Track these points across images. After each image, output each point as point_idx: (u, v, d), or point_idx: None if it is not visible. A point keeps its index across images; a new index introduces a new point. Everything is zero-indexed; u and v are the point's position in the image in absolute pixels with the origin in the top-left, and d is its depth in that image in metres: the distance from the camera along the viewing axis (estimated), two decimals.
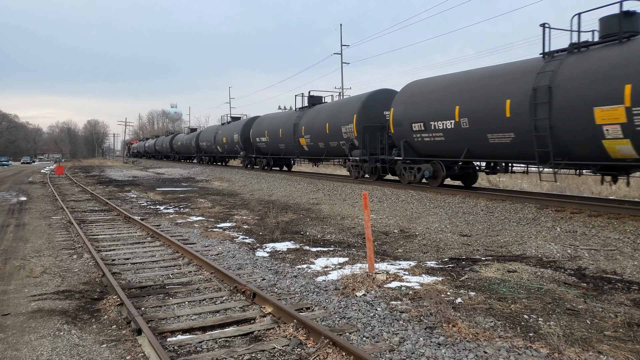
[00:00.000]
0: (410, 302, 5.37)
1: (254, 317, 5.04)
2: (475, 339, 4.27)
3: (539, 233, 8.93)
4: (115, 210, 13.97)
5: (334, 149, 19.66)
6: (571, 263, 7.07)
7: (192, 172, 32.66)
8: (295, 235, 9.87)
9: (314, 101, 23.03)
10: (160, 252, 8.43)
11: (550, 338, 4.21)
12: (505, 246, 8.33)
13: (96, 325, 5.03)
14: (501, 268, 6.74)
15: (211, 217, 12.80)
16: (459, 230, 9.79)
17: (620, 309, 5.10)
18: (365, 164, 17.55)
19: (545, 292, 5.66)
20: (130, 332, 4.74)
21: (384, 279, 6.20)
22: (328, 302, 5.43)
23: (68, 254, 8.49)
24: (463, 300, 5.42)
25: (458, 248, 8.36)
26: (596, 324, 4.69)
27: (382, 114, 17.33)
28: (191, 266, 7.37)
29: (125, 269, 7.28)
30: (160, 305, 5.51)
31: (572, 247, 7.85)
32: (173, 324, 4.90)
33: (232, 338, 4.53)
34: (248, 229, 10.84)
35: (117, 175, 32.85)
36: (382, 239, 9.36)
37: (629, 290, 5.78)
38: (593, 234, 8.44)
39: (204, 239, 9.58)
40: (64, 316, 5.28)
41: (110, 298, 5.78)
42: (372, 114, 17.44)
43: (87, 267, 7.55)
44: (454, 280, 6.25)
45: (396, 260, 7.52)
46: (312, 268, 7.13)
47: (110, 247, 8.94)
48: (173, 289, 6.15)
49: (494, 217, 10.49)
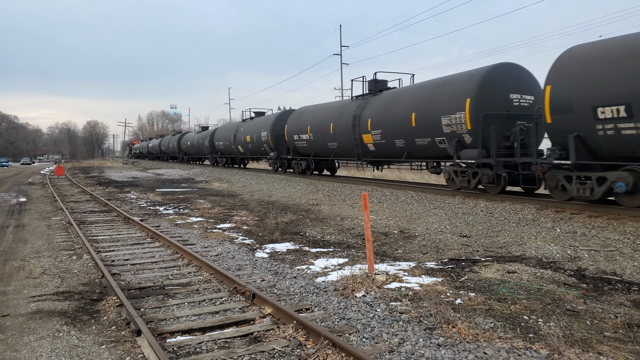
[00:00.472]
0: (410, 303, 5.37)
1: (253, 318, 5.03)
2: (475, 340, 4.26)
3: (539, 234, 8.92)
4: (115, 211, 13.96)
5: (423, 148, 14.50)
6: (571, 264, 7.06)
7: (192, 173, 32.65)
8: (295, 236, 9.87)
9: (379, 86, 17.76)
10: (160, 253, 8.42)
11: (550, 339, 4.20)
12: (505, 247, 8.33)
13: (95, 326, 5.03)
14: (501, 269, 6.73)
15: (211, 218, 12.79)
16: (458, 230, 9.79)
17: (620, 309, 5.10)
18: (485, 170, 12.49)
19: (545, 293, 5.66)
20: (129, 333, 4.74)
21: (383, 279, 6.19)
22: (328, 303, 5.43)
23: (67, 254, 8.48)
24: (463, 301, 5.41)
25: (458, 249, 8.36)
26: (596, 325, 4.69)
27: (508, 98, 12.49)
28: (191, 267, 7.37)
29: (125, 269, 7.27)
30: (160, 306, 5.50)
31: (571, 247, 7.85)
32: (172, 324, 4.90)
33: (232, 339, 4.53)
34: (248, 229, 10.83)
35: (117, 176, 32.84)
36: (381, 239, 9.35)
37: (629, 291, 5.78)
38: (593, 234, 8.44)
39: (204, 240, 9.57)
40: (63, 317, 5.28)
41: (110, 299, 5.77)
42: (496, 98, 12.40)
43: (86, 268, 7.54)
44: (454, 281, 6.24)
45: (396, 261, 7.52)
46: (311, 269, 7.12)
47: (109, 248, 8.93)
48: (172, 290, 6.14)
49: (493, 217, 10.48)
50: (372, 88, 17.91)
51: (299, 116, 22.38)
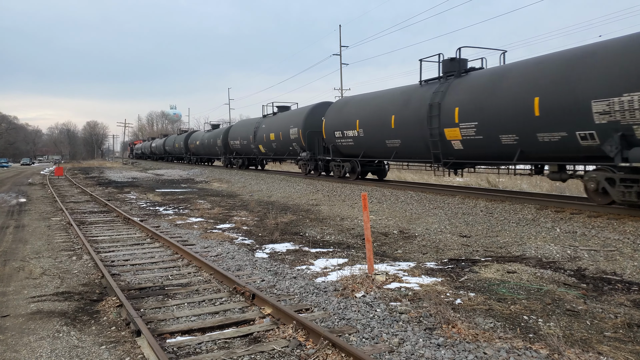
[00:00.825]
0: (409, 303, 5.37)
1: (253, 318, 5.03)
2: (475, 340, 4.26)
3: (539, 234, 8.92)
4: (115, 212, 13.96)
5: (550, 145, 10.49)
6: (571, 264, 7.06)
7: (192, 174, 32.65)
8: (295, 237, 9.87)
9: (463, 66, 13.45)
10: (160, 254, 8.42)
11: (550, 339, 4.20)
12: (504, 247, 8.33)
13: (95, 326, 5.03)
14: (501, 269, 6.73)
15: (210, 218, 12.79)
16: (458, 231, 9.79)
17: (620, 309, 5.10)
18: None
19: (545, 293, 5.65)
20: (129, 333, 4.73)
21: (383, 279, 6.19)
22: (327, 303, 5.43)
23: (67, 255, 8.48)
24: (462, 301, 5.41)
25: (457, 249, 8.36)
26: (596, 325, 4.69)
27: None
28: (190, 267, 7.36)
29: (125, 270, 7.27)
30: (160, 307, 5.50)
31: (571, 247, 7.85)
32: (172, 325, 4.90)
33: (232, 339, 4.53)
34: (247, 230, 10.83)
35: (117, 177, 32.84)
36: (381, 239, 9.35)
37: (628, 291, 5.78)
38: (593, 234, 8.44)
39: (204, 240, 9.57)
40: (63, 317, 5.28)
41: (110, 299, 5.77)
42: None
43: (86, 268, 7.54)
44: (454, 281, 6.24)
45: (395, 261, 7.52)
46: (311, 269, 7.12)
47: (109, 248, 8.93)
48: (172, 290, 6.14)
49: (493, 217, 10.48)
50: (453, 68, 13.52)
51: (342, 108, 18.44)
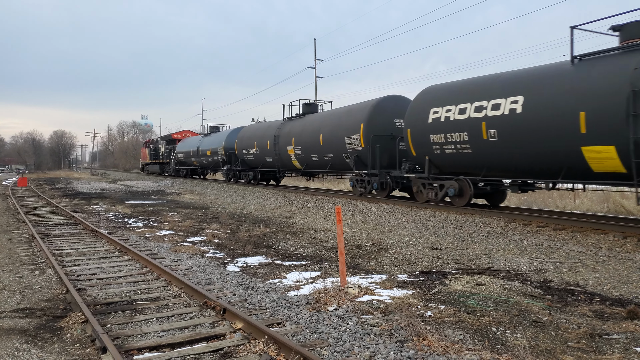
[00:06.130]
0: (381, 316, 5.39)
1: (224, 333, 4.95)
2: (445, 352, 4.31)
3: (507, 246, 9.14)
4: (82, 224, 13.55)
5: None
6: (537, 276, 7.26)
7: (162, 185, 32.07)
8: (268, 250, 9.80)
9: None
10: (128, 267, 8.21)
11: (517, 350, 4.29)
12: (474, 259, 8.49)
13: (58, 344, 4.84)
14: (470, 281, 6.85)
15: (181, 230, 12.57)
16: (429, 243, 9.92)
17: (583, 320, 5.26)
18: None
19: (513, 305, 5.78)
20: (94, 350, 4.58)
21: (355, 292, 6.21)
22: (299, 317, 5.40)
23: (30, 269, 8.17)
24: (433, 313, 5.47)
25: (429, 261, 8.47)
26: (560, 335, 4.82)
27: None
28: (160, 281, 7.20)
29: (91, 284, 7.05)
30: (127, 322, 5.35)
31: (538, 260, 8.06)
32: (140, 341, 4.77)
33: (201, 355, 4.44)
34: (219, 243, 10.69)
35: (84, 188, 31.93)
36: (354, 252, 9.39)
37: (591, 301, 5.97)
38: (558, 247, 8.70)
39: (174, 254, 9.39)
40: (23, 335, 5.06)
41: (74, 315, 5.58)
42: None
43: (49, 283, 7.27)
44: (425, 294, 6.31)
45: (368, 273, 7.56)
46: (284, 283, 7.08)
47: (75, 262, 8.65)
48: (141, 305, 5.98)
49: (463, 230, 10.68)
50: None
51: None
